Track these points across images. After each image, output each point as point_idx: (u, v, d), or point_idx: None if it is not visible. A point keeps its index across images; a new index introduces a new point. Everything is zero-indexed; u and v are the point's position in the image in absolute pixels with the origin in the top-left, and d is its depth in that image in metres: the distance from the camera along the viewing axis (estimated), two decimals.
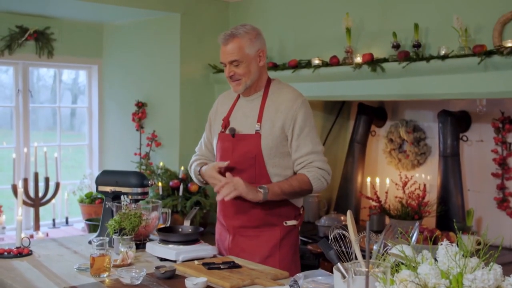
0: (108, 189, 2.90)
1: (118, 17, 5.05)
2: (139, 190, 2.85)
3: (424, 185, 4.07)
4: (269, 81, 2.77)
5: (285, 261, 2.66)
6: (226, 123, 2.75)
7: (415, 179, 4.18)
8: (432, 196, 4.05)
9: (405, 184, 4.08)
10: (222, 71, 4.94)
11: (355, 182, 4.56)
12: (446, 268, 1.49)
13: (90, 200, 4.79)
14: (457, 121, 3.97)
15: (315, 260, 3.91)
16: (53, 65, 5.16)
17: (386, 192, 4.17)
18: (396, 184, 4.14)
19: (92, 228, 4.22)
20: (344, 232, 1.91)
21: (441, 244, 1.54)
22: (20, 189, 2.85)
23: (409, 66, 3.50)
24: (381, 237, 1.72)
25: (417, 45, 3.58)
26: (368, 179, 4.48)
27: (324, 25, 4.26)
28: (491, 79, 3.17)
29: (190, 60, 4.90)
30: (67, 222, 5.06)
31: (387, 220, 4.26)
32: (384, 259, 1.76)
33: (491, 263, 1.42)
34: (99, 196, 4.83)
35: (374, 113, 4.57)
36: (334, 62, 4.02)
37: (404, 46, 3.69)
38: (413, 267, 1.49)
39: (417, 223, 2.01)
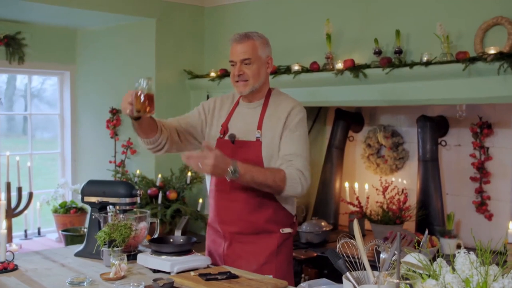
0: (94, 199, 2.82)
1: (91, 22, 4.95)
2: (127, 200, 2.78)
3: (404, 189, 4.11)
4: (269, 91, 2.75)
5: (281, 269, 2.64)
6: (225, 129, 2.70)
7: (393, 183, 4.21)
8: (411, 201, 4.10)
9: (385, 189, 4.11)
10: (198, 77, 4.90)
11: (333, 188, 4.57)
12: (465, 276, 1.49)
13: (64, 210, 4.67)
14: (436, 126, 4.03)
15: (298, 266, 3.90)
16: (24, 71, 5.03)
17: (368, 197, 4.19)
18: (376, 189, 4.17)
19: (69, 239, 4.11)
20: (352, 241, 1.89)
21: (458, 252, 1.54)
22: (3, 201, 2.74)
23: (392, 72, 3.53)
24: (393, 246, 1.72)
25: (399, 52, 3.62)
26: (347, 184, 4.50)
27: (304, 31, 4.26)
28: (475, 85, 3.23)
29: (166, 66, 4.84)
30: (39, 233, 4.93)
31: (367, 225, 4.28)
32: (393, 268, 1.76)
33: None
34: (74, 205, 4.73)
35: (351, 118, 4.60)
36: (314, 68, 4.03)
37: (386, 52, 3.72)
38: (432, 275, 1.49)
39: (426, 231, 2.01)
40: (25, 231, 4.83)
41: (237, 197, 2.63)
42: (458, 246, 3.60)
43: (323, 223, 4.22)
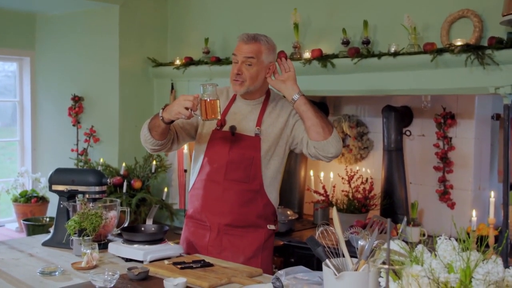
0: (63, 188, 2.77)
1: (52, 7, 4.83)
2: (97, 188, 2.75)
3: (369, 178, 4.16)
4: (268, 90, 2.78)
5: (266, 264, 2.67)
6: (222, 121, 2.69)
7: (359, 173, 4.26)
8: (375, 190, 4.15)
9: (351, 178, 4.15)
10: (161, 64, 4.84)
11: (298, 177, 4.59)
12: (447, 262, 1.52)
13: (25, 199, 4.56)
14: (401, 116, 4.09)
15: None
16: None
17: (334, 186, 4.23)
18: (342, 178, 4.21)
19: (31, 229, 4.02)
20: (331, 228, 1.91)
21: (439, 238, 1.57)
22: None
23: (360, 62, 3.56)
24: (374, 234, 1.74)
25: (366, 42, 3.65)
26: (312, 173, 4.52)
27: (271, 20, 4.25)
28: (442, 76, 3.28)
29: (129, 53, 4.77)
30: None
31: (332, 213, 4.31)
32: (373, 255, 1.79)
33: (495, 257, 1.46)
34: (35, 195, 4.62)
35: None
36: (282, 57, 4.01)
37: (353, 42, 3.75)
38: (415, 261, 1.51)
39: (405, 218, 2.04)
40: None
41: (231, 188, 2.63)
42: (422, 234, 3.68)
43: (289, 212, 4.23)
